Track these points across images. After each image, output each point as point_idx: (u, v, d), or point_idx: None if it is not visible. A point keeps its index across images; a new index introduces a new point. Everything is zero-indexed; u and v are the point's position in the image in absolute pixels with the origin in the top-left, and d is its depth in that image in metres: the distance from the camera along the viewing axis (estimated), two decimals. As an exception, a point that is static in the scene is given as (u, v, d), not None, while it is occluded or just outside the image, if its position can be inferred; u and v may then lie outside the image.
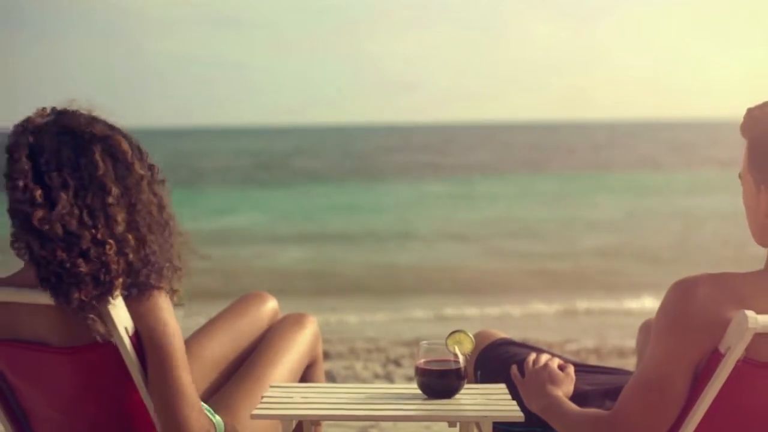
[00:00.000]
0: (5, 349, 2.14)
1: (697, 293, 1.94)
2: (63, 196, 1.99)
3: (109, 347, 2.05)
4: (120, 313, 2.02)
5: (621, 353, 6.82)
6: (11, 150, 2.01)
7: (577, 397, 2.32)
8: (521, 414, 2.17)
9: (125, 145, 2.08)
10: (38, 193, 1.98)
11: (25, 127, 2.04)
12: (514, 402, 2.26)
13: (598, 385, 2.44)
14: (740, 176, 2.07)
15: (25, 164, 1.99)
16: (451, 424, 2.44)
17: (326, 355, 6.73)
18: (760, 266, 2.02)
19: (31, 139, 2.02)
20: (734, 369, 1.91)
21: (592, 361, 6.43)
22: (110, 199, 2.03)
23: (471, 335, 2.31)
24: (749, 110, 2.03)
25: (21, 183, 1.98)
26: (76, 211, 2.00)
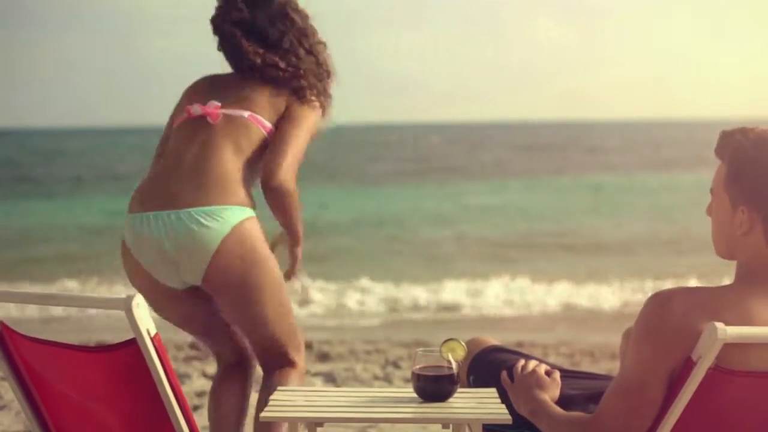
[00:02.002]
0: (37, 347, 2.24)
1: (672, 306, 2.05)
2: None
3: (136, 347, 2.12)
4: (142, 315, 2.10)
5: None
6: None
7: (563, 400, 2.39)
8: (509, 416, 2.25)
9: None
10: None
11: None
12: (504, 405, 2.33)
13: (583, 390, 2.51)
14: (712, 191, 2.17)
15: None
16: (445, 426, 2.55)
17: (326, 357, 6.74)
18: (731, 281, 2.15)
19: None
20: (705, 376, 2.01)
21: None
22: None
23: (463, 343, 2.39)
24: (724, 133, 2.13)
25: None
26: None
